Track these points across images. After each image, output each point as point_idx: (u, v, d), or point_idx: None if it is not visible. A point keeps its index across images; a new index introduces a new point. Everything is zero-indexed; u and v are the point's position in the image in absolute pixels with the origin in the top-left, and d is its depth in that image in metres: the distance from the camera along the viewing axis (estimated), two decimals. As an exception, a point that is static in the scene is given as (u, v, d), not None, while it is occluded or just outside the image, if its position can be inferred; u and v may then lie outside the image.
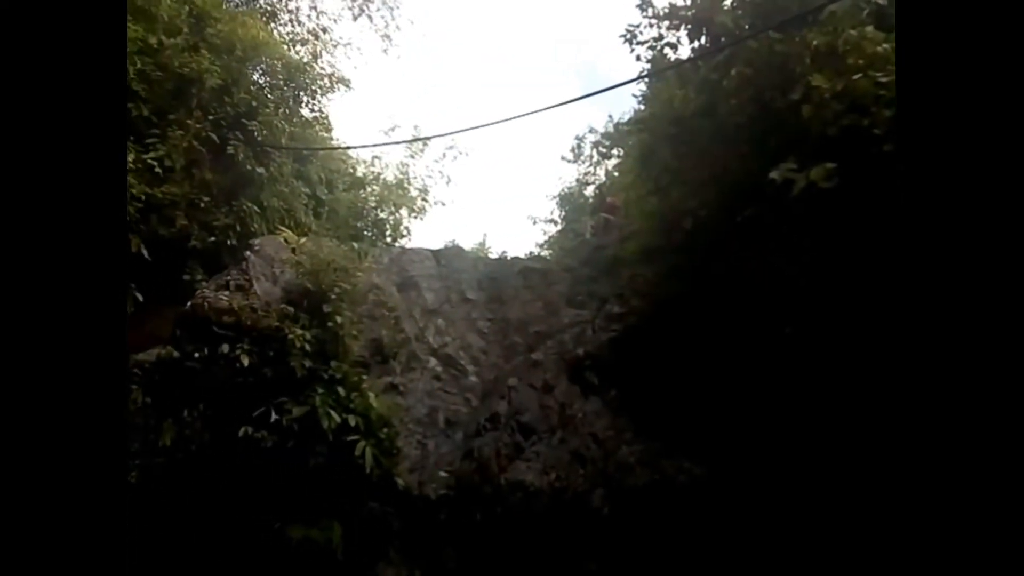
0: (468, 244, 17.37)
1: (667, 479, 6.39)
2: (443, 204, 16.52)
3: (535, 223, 25.00)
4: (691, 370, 7.41)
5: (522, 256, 13.16)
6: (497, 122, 9.66)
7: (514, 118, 8.09)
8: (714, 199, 7.72)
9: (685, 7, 8.16)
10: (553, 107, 8.48)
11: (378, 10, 16.76)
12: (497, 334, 10.60)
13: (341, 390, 7.74)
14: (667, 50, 8.41)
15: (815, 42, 6.80)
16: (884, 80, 6.12)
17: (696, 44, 8.23)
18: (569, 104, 23.33)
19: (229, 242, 9.88)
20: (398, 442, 8.19)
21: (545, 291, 11.31)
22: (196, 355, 7.61)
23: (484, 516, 7.34)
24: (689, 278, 7.95)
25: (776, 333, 6.61)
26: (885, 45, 6.42)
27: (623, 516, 6.47)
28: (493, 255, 16.42)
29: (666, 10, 8.23)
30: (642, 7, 8.26)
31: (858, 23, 6.75)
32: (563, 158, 25.16)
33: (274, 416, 7.22)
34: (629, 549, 6.23)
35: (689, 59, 8.21)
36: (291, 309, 8.16)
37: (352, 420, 7.53)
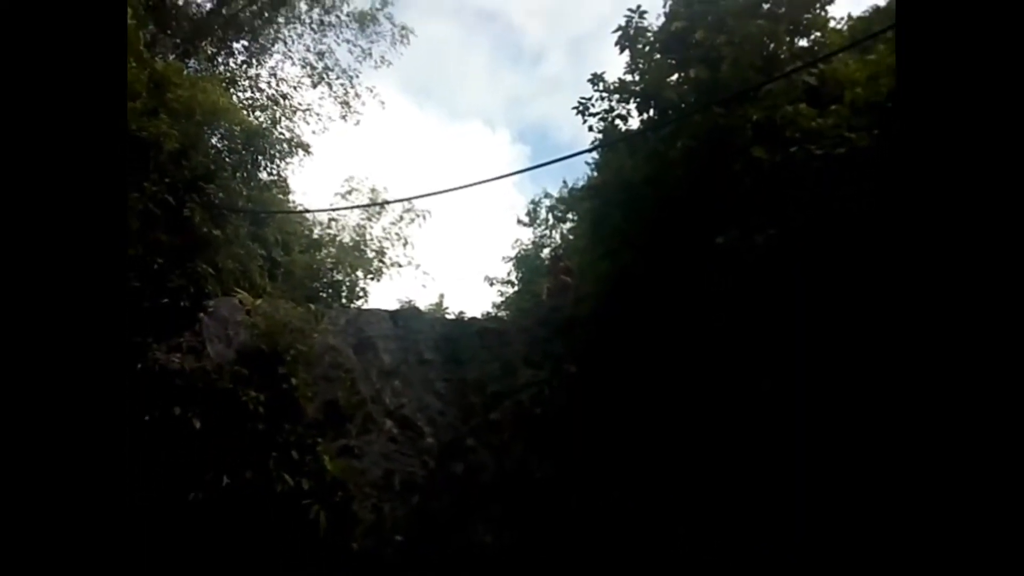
0: (425, 305, 17.37)
1: (628, 538, 6.43)
2: (400, 266, 16.60)
3: (492, 284, 25.23)
4: (648, 427, 7.55)
5: (479, 317, 13.27)
6: (452, 189, 9.93)
7: (469, 186, 8.36)
8: (662, 263, 8.05)
9: (634, 82, 8.66)
10: (508, 176, 8.79)
11: (337, 78, 17.12)
12: (454, 394, 10.58)
13: (295, 453, 7.62)
14: (617, 122, 8.87)
15: (755, 117, 7.29)
16: (818, 153, 6.58)
17: (645, 116, 8.70)
18: (525, 172, 24.06)
19: (182, 303, 9.73)
20: (353, 506, 8.04)
21: (502, 351, 11.37)
22: (146, 418, 7.43)
23: (441, 581, 7.23)
24: (641, 337, 8.18)
25: (730, 389, 6.82)
26: (819, 120, 6.94)
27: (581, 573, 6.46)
28: (450, 316, 16.46)
29: (616, 84, 8.71)
30: (593, 81, 8.74)
31: (793, 100, 7.28)
32: (519, 221, 25.62)
33: (226, 480, 7.06)
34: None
35: (638, 131, 8.66)
36: (245, 371, 8.07)
37: (305, 484, 7.40)
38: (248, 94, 15.62)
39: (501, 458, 8.50)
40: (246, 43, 16.26)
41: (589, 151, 9.46)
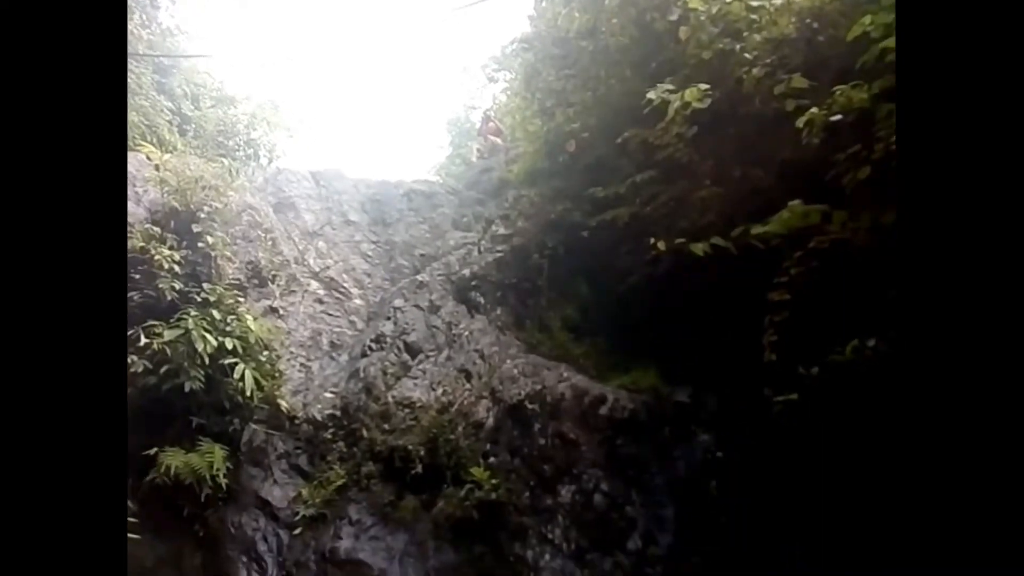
0: (353, 173, 16.74)
1: (548, 388, 6.64)
2: (324, 127, 15.76)
3: (422, 149, 24.64)
4: (574, 286, 7.67)
5: (407, 179, 12.89)
6: (373, 32, 9.24)
7: (381, 30, 7.75)
8: (596, 121, 7.84)
9: (571, -78, 8.04)
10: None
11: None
12: (382, 257, 10.45)
13: (216, 313, 7.41)
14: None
15: (693, -37, 6.90)
16: (755, 4, 6.33)
17: (581, -39, 8.15)
18: (455, 18, 22.68)
19: (82, 158, 9.02)
20: (280, 365, 8.01)
21: (431, 214, 11.22)
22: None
23: (371, 433, 7.39)
24: (573, 199, 8.11)
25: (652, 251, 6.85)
26: (758, -30, 6.62)
27: (508, 425, 6.70)
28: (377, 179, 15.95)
29: (551, -77, 8.08)
30: (527, -82, 8.06)
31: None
32: (451, 82, 24.69)
33: (143, 340, 6.83)
34: (513, 455, 6.49)
35: (574, -24, 8.15)
36: (157, 229, 7.67)
37: (229, 343, 7.25)
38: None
39: (430, 318, 8.53)
40: None
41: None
